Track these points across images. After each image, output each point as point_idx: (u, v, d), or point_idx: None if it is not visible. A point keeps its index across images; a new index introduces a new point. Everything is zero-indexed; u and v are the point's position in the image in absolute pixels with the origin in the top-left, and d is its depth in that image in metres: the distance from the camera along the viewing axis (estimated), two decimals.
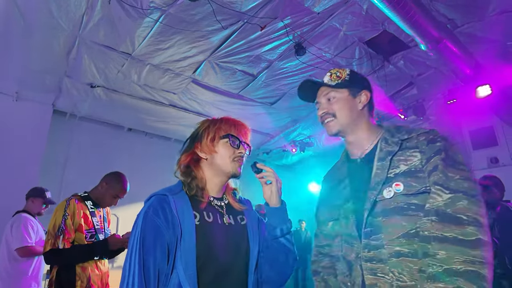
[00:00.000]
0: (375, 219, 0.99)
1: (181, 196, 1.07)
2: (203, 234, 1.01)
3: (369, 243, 0.99)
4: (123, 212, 5.12)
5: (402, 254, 0.92)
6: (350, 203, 1.08)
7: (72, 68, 4.10)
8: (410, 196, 0.95)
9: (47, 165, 4.59)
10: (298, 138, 6.46)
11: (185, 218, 1.01)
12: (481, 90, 3.92)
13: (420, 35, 3.28)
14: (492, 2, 3.26)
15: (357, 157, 1.16)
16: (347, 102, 1.13)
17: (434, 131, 1.05)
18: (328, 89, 1.16)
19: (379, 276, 0.95)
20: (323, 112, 1.16)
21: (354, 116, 1.13)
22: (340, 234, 1.11)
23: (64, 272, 1.93)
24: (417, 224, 0.92)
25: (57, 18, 3.29)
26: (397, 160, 1.03)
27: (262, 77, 4.54)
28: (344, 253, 1.08)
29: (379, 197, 1.00)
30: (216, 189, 1.14)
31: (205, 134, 1.13)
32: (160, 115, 5.33)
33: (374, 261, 0.96)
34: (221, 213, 1.12)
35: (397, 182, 0.98)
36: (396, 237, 0.94)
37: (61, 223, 1.92)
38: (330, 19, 3.63)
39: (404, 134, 1.07)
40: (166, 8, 3.23)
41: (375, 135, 1.15)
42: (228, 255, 1.04)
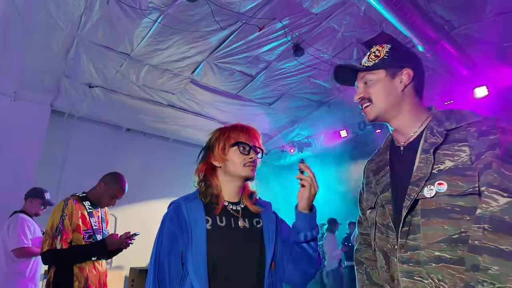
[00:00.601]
0: (414, 218, 0.91)
1: (196, 203, 1.13)
2: (214, 238, 1.06)
3: (406, 243, 0.90)
4: (121, 212, 5.12)
5: (442, 260, 0.83)
6: (388, 193, 1.00)
7: (71, 68, 4.10)
8: (455, 197, 0.84)
9: (45, 165, 4.58)
10: (296, 138, 6.48)
11: (197, 223, 1.07)
12: (478, 91, 3.95)
13: (417, 36, 3.30)
14: (489, 4, 3.28)
15: (400, 144, 1.05)
16: (384, 84, 1.01)
17: (487, 120, 0.90)
18: (364, 72, 1.05)
19: (417, 279, 0.87)
20: (359, 97, 1.05)
21: (393, 100, 1.01)
22: (374, 222, 1.05)
23: (62, 273, 1.93)
24: (462, 228, 0.82)
25: (56, 18, 3.29)
26: (443, 154, 0.90)
27: (260, 77, 4.55)
28: (378, 243, 1.02)
29: (420, 195, 0.90)
30: (231, 194, 1.18)
31: (216, 144, 1.18)
32: (159, 115, 5.33)
33: (411, 263, 0.89)
34: (236, 217, 1.14)
35: (440, 180, 0.87)
36: (436, 241, 0.85)
37: (58, 224, 1.92)
38: (328, 20, 3.64)
39: (453, 122, 0.93)
40: (164, 8, 3.24)
41: (421, 120, 1.01)
42: (241, 258, 1.07)
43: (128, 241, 2.14)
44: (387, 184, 1.03)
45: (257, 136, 1.22)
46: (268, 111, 5.45)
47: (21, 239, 2.74)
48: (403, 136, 1.04)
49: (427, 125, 0.99)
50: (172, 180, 6.02)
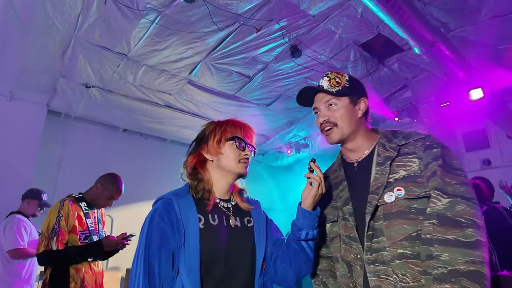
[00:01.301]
0: (376, 222, 1.01)
1: (187, 199, 1.08)
2: (207, 237, 1.02)
3: (371, 246, 1.01)
4: (117, 213, 5.10)
5: (405, 256, 0.95)
6: (349, 206, 1.09)
7: (67, 68, 4.08)
8: (411, 201, 0.98)
9: (41, 165, 4.55)
10: (293, 139, 6.49)
11: (189, 222, 1.02)
12: (473, 93, 3.98)
13: (414, 39, 3.32)
14: (485, 7, 3.31)
15: (353, 161, 1.17)
16: (348, 111, 1.11)
17: (430, 137, 1.07)
18: (328, 96, 1.13)
19: (382, 277, 0.97)
20: (324, 120, 1.14)
21: (354, 125, 1.12)
22: (338, 235, 1.13)
23: (58, 274, 1.93)
24: (418, 227, 0.95)
25: (53, 18, 3.28)
26: (396, 165, 1.04)
27: (258, 78, 4.56)
28: (343, 254, 1.10)
29: (381, 201, 1.01)
30: (223, 191, 1.15)
31: (212, 136, 1.14)
32: (156, 116, 5.32)
33: (376, 263, 0.99)
34: (228, 215, 1.12)
35: (398, 187, 1.00)
36: (398, 240, 0.96)
37: (55, 225, 1.92)
38: (326, 21, 3.66)
39: (401, 139, 1.09)
40: (162, 9, 3.23)
41: (372, 140, 1.16)
42: (233, 259, 1.04)
43: (124, 242, 2.13)
44: (347, 198, 1.12)
45: (252, 135, 1.20)
46: (265, 112, 5.46)
47: (17, 240, 2.73)
48: (356, 154, 1.16)
49: (378, 142, 1.14)
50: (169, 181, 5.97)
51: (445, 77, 4.21)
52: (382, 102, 5.06)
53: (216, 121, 1.21)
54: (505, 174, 4.73)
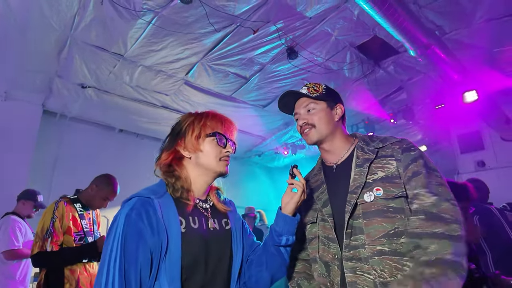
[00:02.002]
0: (355, 221, 1.06)
1: (166, 199, 0.97)
2: (189, 243, 0.93)
3: (350, 243, 1.05)
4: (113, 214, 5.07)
5: (383, 253, 0.99)
6: (328, 207, 1.14)
7: (63, 68, 4.07)
8: (389, 200, 1.03)
9: (36, 166, 4.53)
10: (290, 140, 6.51)
11: (171, 224, 0.91)
12: (468, 96, 4.02)
13: (409, 41, 3.35)
14: (479, 10, 3.35)
15: (333, 164, 1.23)
16: (325, 114, 1.20)
17: (405, 140, 1.14)
18: (307, 101, 1.22)
19: (358, 274, 1.01)
20: (303, 122, 1.21)
21: (331, 127, 1.20)
22: (317, 236, 1.17)
23: (53, 275, 1.92)
24: (396, 224, 1.01)
25: (49, 18, 3.27)
26: (375, 167, 1.10)
27: (254, 80, 4.57)
28: (321, 254, 1.14)
29: (360, 200, 1.06)
30: (201, 190, 1.06)
31: (189, 131, 1.04)
32: (152, 117, 5.31)
33: (354, 260, 1.03)
34: (206, 216, 1.04)
35: (377, 187, 1.06)
36: (377, 238, 1.01)
37: (49, 226, 1.91)
38: (322, 23, 3.68)
39: (379, 143, 1.16)
40: (159, 10, 3.23)
41: (349, 144, 1.23)
42: (213, 264, 0.98)
43: None
44: (326, 200, 1.17)
45: (233, 130, 1.14)
46: (262, 113, 5.47)
47: (11, 241, 2.71)
48: (335, 157, 1.23)
49: (356, 145, 1.20)
50: None
51: (440, 79, 4.25)
52: (378, 104, 5.10)
53: (194, 113, 1.11)
54: (499, 175, 4.79)
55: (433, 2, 3.28)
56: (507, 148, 4.97)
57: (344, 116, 1.26)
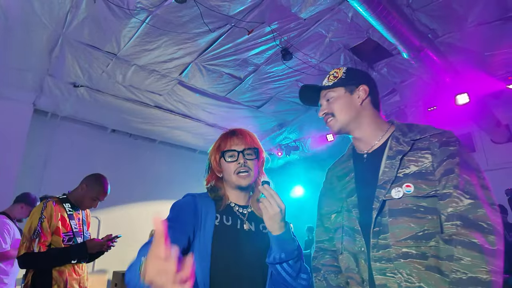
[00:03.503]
0: (383, 218, 0.98)
1: (208, 199, 1.15)
2: (220, 235, 1.07)
3: (378, 242, 0.97)
4: (104, 214, 5.02)
5: (410, 256, 0.92)
6: (354, 197, 1.07)
7: (55, 67, 4.01)
8: (420, 199, 0.94)
9: (26, 166, 4.45)
10: (284, 142, 6.51)
11: (208, 216, 1.09)
12: (459, 98, 4.07)
13: (402, 44, 3.38)
14: (471, 14, 3.39)
15: (363, 152, 1.15)
16: (344, 100, 1.13)
17: (448, 133, 1.03)
18: (326, 91, 1.18)
19: (389, 276, 0.94)
20: (323, 113, 1.17)
21: (353, 113, 1.12)
22: (341, 226, 1.10)
23: (40, 276, 1.88)
24: (425, 226, 0.92)
25: (40, 15, 3.22)
26: (407, 160, 1.00)
27: (249, 80, 4.56)
28: (346, 245, 1.07)
29: (387, 196, 0.98)
30: (238, 198, 1.18)
31: (212, 157, 1.20)
32: (145, 117, 5.27)
33: (383, 261, 0.95)
34: (242, 219, 1.14)
35: (407, 183, 0.96)
36: (403, 239, 0.93)
37: (37, 226, 1.87)
38: (316, 25, 3.69)
39: (417, 134, 1.05)
40: (153, 9, 3.21)
41: (383, 131, 1.13)
42: (244, 262, 1.05)
43: (109, 243, 2.09)
44: (352, 189, 1.10)
45: (247, 138, 1.18)
46: (256, 114, 5.46)
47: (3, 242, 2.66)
48: (366, 145, 1.14)
49: (391, 135, 1.10)
50: (158, 182, 5.95)
51: (432, 82, 4.29)
52: None
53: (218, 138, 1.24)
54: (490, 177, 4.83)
55: (426, 5, 3.32)
56: (497, 150, 5.05)
57: (373, 97, 1.15)
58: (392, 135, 1.10)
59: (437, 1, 3.24)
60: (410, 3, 3.30)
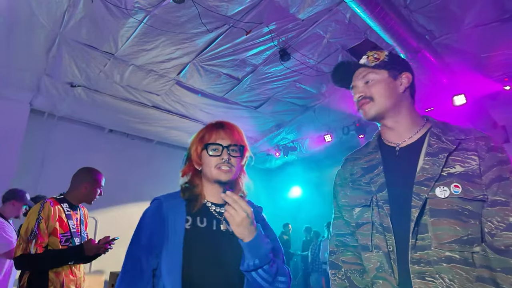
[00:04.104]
0: (422, 217, 0.92)
1: (178, 201, 1.10)
2: (192, 238, 1.02)
3: (416, 243, 0.91)
4: (101, 215, 5.00)
5: (453, 260, 0.86)
6: (385, 192, 1.00)
7: (52, 67, 4.00)
8: (466, 201, 0.89)
9: (23, 166, 4.43)
10: (281, 142, 6.51)
11: (176, 221, 1.04)
12: (456, 99, 4.09)
13: (400, 45, 3.39)
14: (468, 16, 3.41)
15: (395, 145, 1.06)
16: (387, 84, 1.04)
17: (494, 139, 0.98)
18: (366, 71, 1.06)
19: (428, 280, 0.88)
20: (359, 95, 1.06)
21: (393, 100, 1.04)
22: (370, 221, 1.03)
23: (36, 278, 1.86)
24: (469, 230, 0.87)
25: (37, 15, 3.21)
26: (452, 159, 0.94)
27: (247, 81, 4.56)
28: (378, 243, 0.99)
29: (431, 194, 0.92)
30: (215, 196, 1.12)
31: (193, 147, 1.12)
32: (143, 117, 5.26)
33: (422, 263, 0.89)
34: (218, 219, 1.08)
35: (455, 183, 0.91)
36: (447, 242, 0.87)
37: (34, 227, 1.85)
38: (314, 26, 3.70)
39: (460, 133, 1.00)
40: (151, 9, 3.21)
41: (419, 126, 1.06)
42: (221, 263, 1.02)
43: (107, 246, 2.09)
44: (383, 183, 1.02)
45: (233, 133, 1.11)
46: (254, 115, 5.46)
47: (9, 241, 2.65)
48: (399, 137, 1.06)
49: (429, 131, 1.04)
50: (155, 182, 5.92)
51: (430, 83, 4.31)
52: None
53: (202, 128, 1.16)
54: None
55: (423, 7, 3.34)
56: None
57: (412, 88, 1.08)
58: (429, 131, 1.03)
59: (434, 3, 3.26)
60: (407, 5, 3.32)
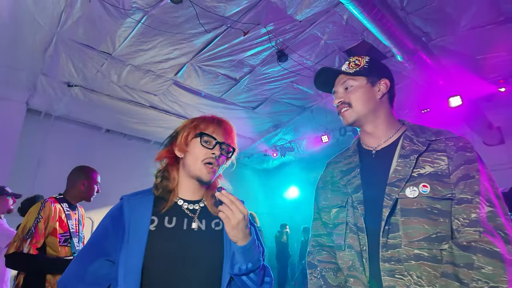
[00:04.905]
0: (393, 217, 0.95)
1: (146, 199, 1.02)
2: (157, 240, 0.94)
3: (387, 242, 0.94)
4: (98, 215, 4.95)
5: (421, 258, 0.89)
6: (360, 193, 1.03)
7: (49, 66, 3.98)
8: (435, 200, 0.92)
9: (19, 165, 4.40)
10: (279, 143, 6.53)
11: (138, 222, 0.96)
12: (452, 101, 4.12)
13: (396, 46, 3.42)
14: (464, 18, 3.44)
15: (371, 148, 1.11)
16: (364, 91, 1.08)
17: (464, 139, 1.01)
18: (346, 77, 1.11)
19: (397, 277, 0.90)
20: (339, 101, 1.11)
21: (372, 106, 1.08)
22: (345, 222, 1.06)
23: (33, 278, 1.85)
24: (438, 229, 0.90)
25: (34, 14, 3.19)
26: (423, 160, 0.98)
27: (244, 81, 4.57)
28: (351, 242, 1.03)
29: (401, 194, 0.95)
30: (189, 191, 1.05)
31: (182, 131, 1.05)
32: (140, 117, 5.24)
33: (392, 261, 0.92)
34: (191, 217, 1.01)
35: (424, 183, 0.94)
36: (417, 240, 0.90)
37: (31, 226, 1.83)
38: (312, 27, 3.71)
39: (431, 135, 1.04)
40: (148, 9, 3.20)
41: (394, 129, 1.11)
42: (189, 264, 0.94)
43: None
44: (358, 185, 1.06)
45: (229, 133, 1.07)
46: (251, 115, 5.47)
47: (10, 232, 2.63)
48: (376, 141, 1.11)
49: (403, 134, 1.08)
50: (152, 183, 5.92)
51: (426, 85, 4.34)
52: None
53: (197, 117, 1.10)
54: None
55: (420, 9, 3.36)
56: (489, 152, 5.11)
57: (391, 93, 1.12)
58: (404, 134, 1.07)
59: (430, 5, 3.28)
60: (404, 6, 3.34)
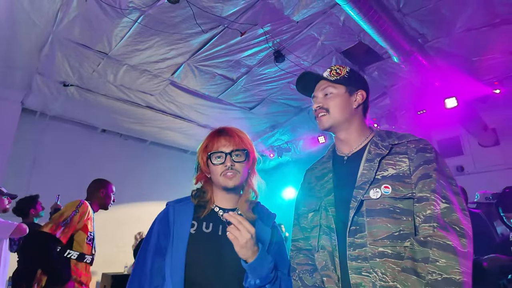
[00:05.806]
0: (359, 218, 1.00)
1: (187, 205, 1.14)
2: (196, 243, 1.05)
3: (354, 241, 0.99)
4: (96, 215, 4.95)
5: (385, 255, 0.94)
6: (331, 196, 1.10)
7: (44, 65, 3.95)
8: (397, 200, 0.98)
9: (13, 165, 4.37)
10: (276, 143, 6.53)
11: (181, 226, 1.08)
12: (448, 102, 4.14)
13: (393, 48, 3.43)
14: (459, 20, 3.47)
15: (344, 155, 1.18)
16: (342, 99, 1.15)
17: (424, 140, 1.08)
18: (326, 84, 1.17)
19: (364, 275, 0.95)
20: (317, 106, 1.17)
21: (347, 114, 1.15)
22: (318, 224, 1.12)
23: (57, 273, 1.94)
24: (401, 227, 0.95)
25: (29, 12, 3.17)
26: (386, 163, 1.05)
27: (241, 82, 4.57)
28: (324, 243, 1.08)
29: (366, 196, 1.01)
30: (223, 201, 1.16)
31: (200, 157, 1.17)
32: (136, 117, 5.22)
33: (359, 260, 0.97)
34: (225, 224, 1.10)
35: (386, 184, 1.00)
36: (380, 238, 0.96)
37: (68, 217, 1.98)
38: (309, 28, 3.72)
39: (395, 139, 1.10)
40: (145, 9, 3.19)
41: (365, 136, 1.17)
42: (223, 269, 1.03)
43: None
44: (330, 189, 1.12)
45: (235, 138, 1.14)
46: (248, 116, 5.47)
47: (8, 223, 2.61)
48: (348, 147, 1.18)
49: (371, 140, 1.15)
50: (149, 183, 5.90)
51: (422, 86, 4.36)
52: None
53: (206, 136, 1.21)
54: (478, 180, 4.94)
55: (416, 10, 3.38)
56: (484, 153, 5.15)
57: (365, 104, 1.20)
58: (371, 140, 1.14)
59: (427, 7, 3.30)
60: (400, 8, 3.35)
